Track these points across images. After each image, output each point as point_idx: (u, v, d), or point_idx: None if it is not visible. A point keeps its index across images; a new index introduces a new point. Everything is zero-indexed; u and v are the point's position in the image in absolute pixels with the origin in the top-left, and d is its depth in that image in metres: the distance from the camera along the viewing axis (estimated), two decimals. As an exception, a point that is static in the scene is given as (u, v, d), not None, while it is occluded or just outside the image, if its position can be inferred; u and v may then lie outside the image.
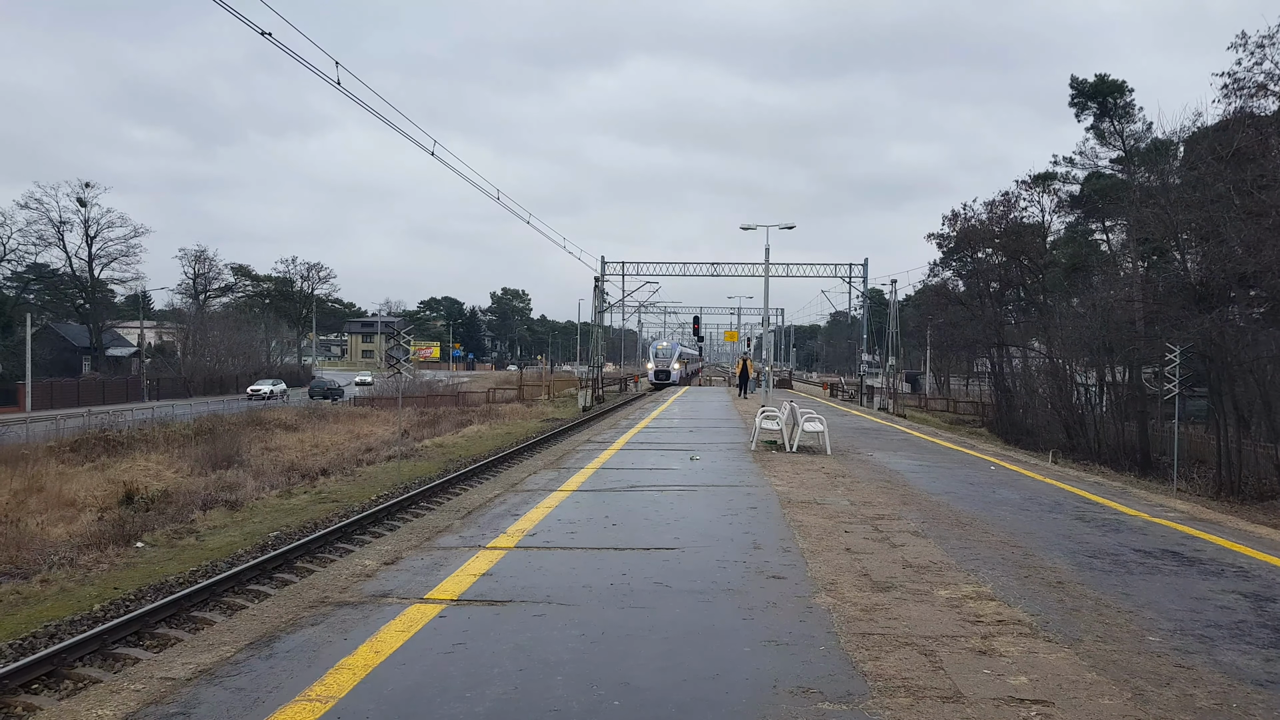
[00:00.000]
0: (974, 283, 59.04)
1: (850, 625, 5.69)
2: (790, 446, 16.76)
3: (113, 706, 4.32)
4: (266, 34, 10.47)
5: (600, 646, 5.29)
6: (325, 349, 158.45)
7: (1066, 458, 33.16)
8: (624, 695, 4.51)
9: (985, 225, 55.05)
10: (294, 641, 5.32)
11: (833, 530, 8.90)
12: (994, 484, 13.27)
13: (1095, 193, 51.41)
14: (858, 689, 4.60)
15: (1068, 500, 11.86)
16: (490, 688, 4.60)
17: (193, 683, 4.64)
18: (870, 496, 11.27)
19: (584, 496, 11.02)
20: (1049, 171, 55.54)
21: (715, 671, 4.87)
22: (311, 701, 4.38)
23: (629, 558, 7.63)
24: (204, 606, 12.48)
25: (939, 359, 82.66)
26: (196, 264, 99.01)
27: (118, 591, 13.41)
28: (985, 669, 4.95)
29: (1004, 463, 16.75)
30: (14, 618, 12.23)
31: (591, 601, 6.25)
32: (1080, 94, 51.67)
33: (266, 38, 10.53)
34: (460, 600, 6.23)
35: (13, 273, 73.95)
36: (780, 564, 7.39)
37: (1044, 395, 47.72)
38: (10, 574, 14.63)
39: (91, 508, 20.25)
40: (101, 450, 29.84)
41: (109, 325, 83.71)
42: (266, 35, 10.57)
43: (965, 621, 5.85)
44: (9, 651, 10.69)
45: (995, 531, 9.19)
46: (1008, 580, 7.05)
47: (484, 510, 9.93)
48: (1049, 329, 47.95)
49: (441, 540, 8.26)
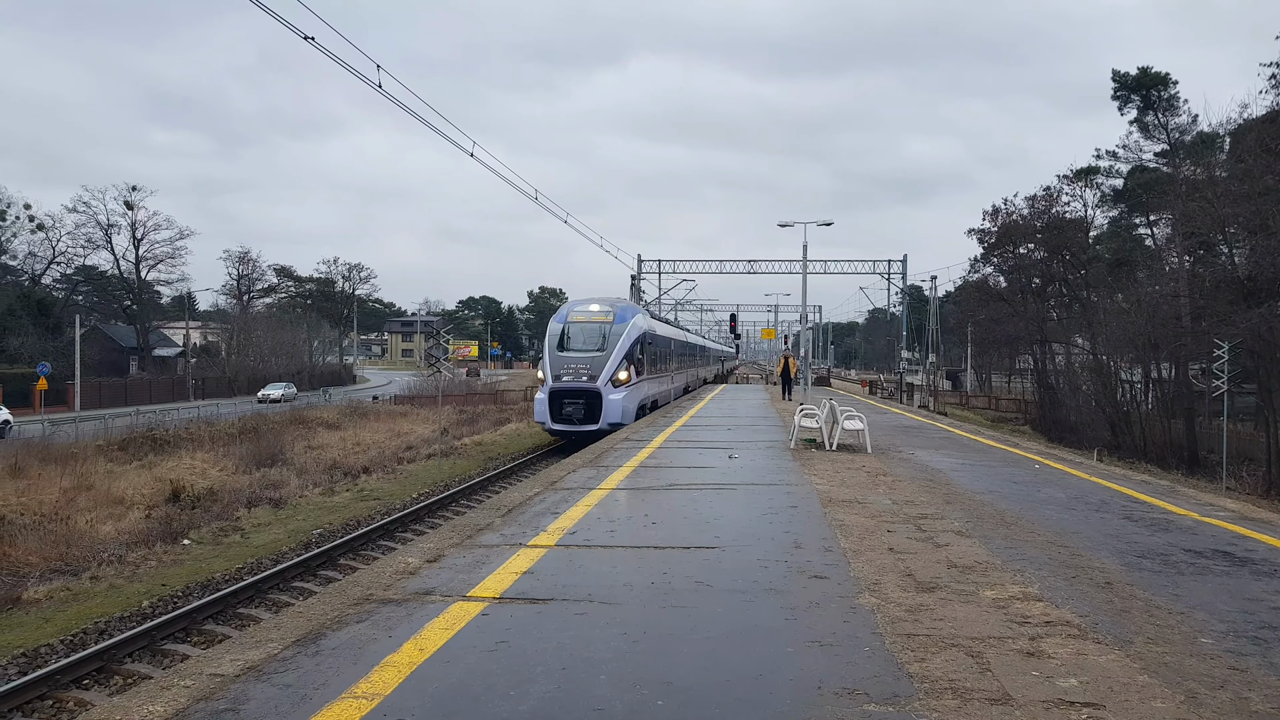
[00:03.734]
0: (1015, 278, 58.24)
1: (895, 626, 5.63)
2: (830, 444, 16.64)
3: (163, 703, 4.38)
4: (309, 38, 10.61)
5: (642, 645, 5.28)
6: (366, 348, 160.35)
7: (1112, 456, 32.60)
8: (667, 695, 4.50)
9: (1026, 220, 54.31)
10: (340, 639, 5.37)
11: (875, 529, 8.82)
12: (1039, 483, 13.07)
13: (1139, 186, 50.55)
14: (904, 690, 4.55)
15: (1114, 499, 11.64)
16: (534, 686, 4.61)
17: (241, 679, 4.70)
18: (912, 495, 11.15)
19: (623, 494, 11.02)
20: (1091, 166, 54.76)
21: (758, 672, 4.85)
22: (358, 699, 4.42)
23: (669, 556, 7.62)
24: (250, 603, 12.67)
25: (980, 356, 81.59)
26: (240, 265, 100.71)
27: (165, 588, 13.66)
28: (1034, 671, 4.87)
29: (1048, 461, 16.49)
30: (65, 614, 12.50)
31: (632, 600, 6.25)
32: (1123, 86, 50.85)
33: (310, 41, 10.67)
34: (502, 598, 6.26)
35: (62, 275, 75.87)
36: (822, 563, 7.33)
37: (1088, 392, 46.94)
38: (61, 571, 14.96)
39: (139, 505, 20.64)
40: (149, 449, 30.41)
41: (155, 326, 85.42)
42: (310, 39, 10.70)
43: (1012, 622, 5.77)
44: (60, 647, 10.92)
45: (1041, 531, 9.05)
46: (1055, 581, 6.94)
47: (524, 508, 9.97)
48: (1092, 325, 47.18)
49: (483, 538, 8.31)
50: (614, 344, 26.94)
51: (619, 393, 26.34)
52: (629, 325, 27.92)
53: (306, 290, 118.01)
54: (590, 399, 26.12)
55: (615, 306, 28.94)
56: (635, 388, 27.63)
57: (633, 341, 27.72)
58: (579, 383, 26.28)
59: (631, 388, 27.15)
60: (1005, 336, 57.55)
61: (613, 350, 26.79)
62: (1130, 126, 52.11)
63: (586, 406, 26.13)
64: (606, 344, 26.98)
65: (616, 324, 27.73)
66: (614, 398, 26.17)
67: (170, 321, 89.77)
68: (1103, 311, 46.50)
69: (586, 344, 27.42)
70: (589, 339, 27.61)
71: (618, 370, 26.52)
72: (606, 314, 28.29)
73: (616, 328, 27.48)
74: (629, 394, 26.82)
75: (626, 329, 27.66)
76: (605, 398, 26.06)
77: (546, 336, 28.44)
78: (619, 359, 26.72)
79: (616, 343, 26.99)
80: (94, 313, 77.37)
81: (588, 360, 26.69)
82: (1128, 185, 53.14)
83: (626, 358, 27.01)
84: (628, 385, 26.81)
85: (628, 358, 27.09)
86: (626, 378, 26.71)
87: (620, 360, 26.74)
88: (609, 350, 26.81)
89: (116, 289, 78.91)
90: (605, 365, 26.44)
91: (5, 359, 58.05)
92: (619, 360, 26.71)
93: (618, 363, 26.64)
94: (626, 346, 27.25)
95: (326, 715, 4.23)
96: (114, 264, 77.10)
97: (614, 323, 27.77)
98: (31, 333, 59.11)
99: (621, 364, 26.70)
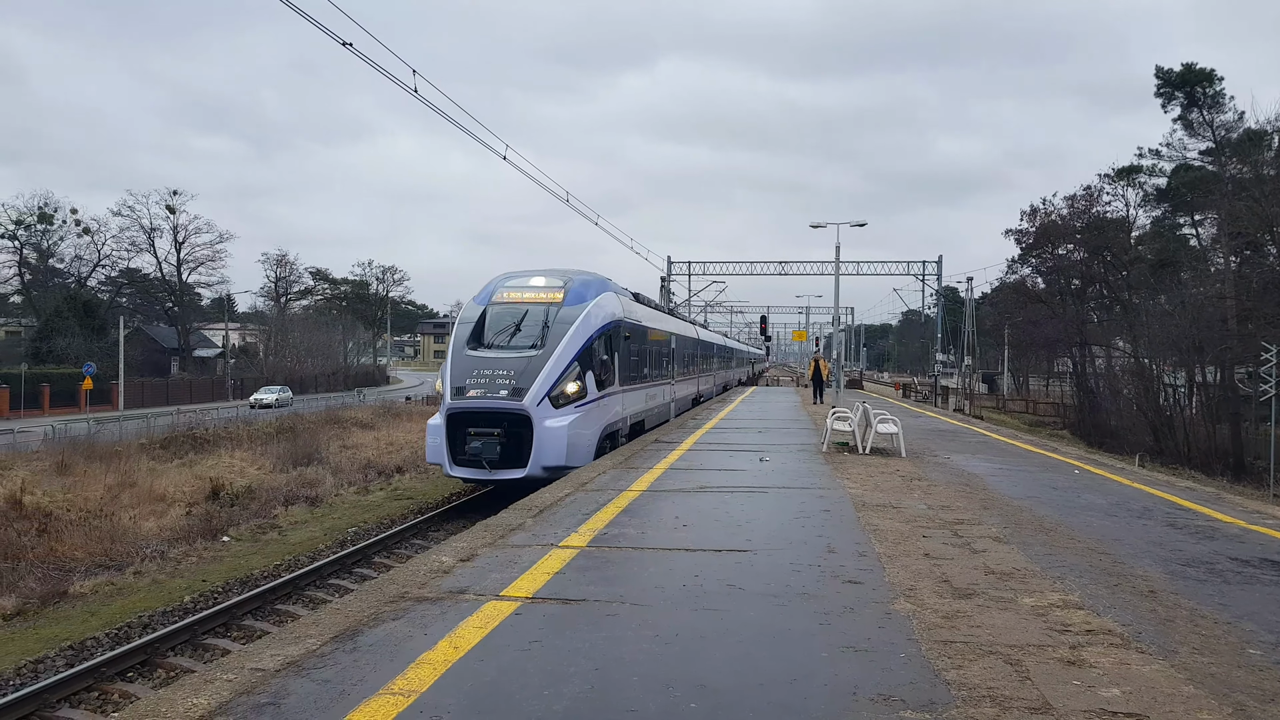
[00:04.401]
0: (1054, 280, 57.50)
1: (931, 632, 5.57)
2: (863, 448, 16.51)
3: (206, 696, 4.45)
4: (347, 44, 10.73)
5: (674, 647, 5.27)
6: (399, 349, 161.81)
7: (1154, 461, 32.04)
8: (700, 697, 4.49)
9: (1066, 220, 53.60)
10: (376, 636, 5.42)
11: (910, 535, 8.74)
12: (1078, 488, 12.87)
13: (1183, 185, 49.66)
14: (941, 698, 4.50)
15: (1157, 506, 11.44)
16: (567, 685, 4.62)
17: (282, 674, 4.76)
18: (948, 500, 11.03)
19: (653, 496, 11.01)
20: (1133, 164, 53.88)
21: (792, 676, 4.82)
22: (395, 695, 4.45)
23: (700, 559, 7.60)
24: (288, 600, 12.83)
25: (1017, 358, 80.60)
26: (278, 268, 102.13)
27: (206, 584, 13.87)
28: (1075, 680, 4.79)
29: (1088, 466, 16.24)
30: (109, 608, 12.75)
31: (664, 602, 6.24)
32: (1166, 83, 50.00)
33: (348, 48, 10.79)
34: (535, 598, 6.28)
35: (107, 277, 77.54)
36: (856, 568, 7.27)
37: (1129, 396, 46.18)
38: (105, 566, 15.26)
39: (180, 503, 20.99)
40: (189, 447, 30.92)
41: (196, 327, 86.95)
42: (347, 45, 10.82)
43: (1052, 630, 5.68)
44: (105, 640, 11.13)
45: (1081, 538, 8.92)
46: (1096, 588, 6.83)
47: (555, 509, 10.00)
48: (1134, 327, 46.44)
49: (514, 538, 8.34)
50: (559, 338, 17.44)
51: (562, 416, 16.83)
52: (587, 310, 18.25)
53: (341, 292, 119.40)
54: (512, 427, 16.50)
55: (570, 280, 19.15)
56: (595, 407, 18.06)
57: (592, 335, 18.12)
58: (493, 400, 16.57)
59: (587, 408, 17.60)
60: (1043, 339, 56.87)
61: (556, 348, 17.24)
62: (1174, 124, 51.24)
63: (506, 439, 16.47)
64: (548, 338, 17.55)
65: (569, 307, 18.18)
66: (553, 425, 16.58)
67: (210, 323, 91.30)
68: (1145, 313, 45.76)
69: (516, 338, 17.93)
70: (522, 330, 18.06)
71: (562, 380, 17.02)
72: (553, 290, 18.63)
73: (568, 313, 18.02)
74: (582, 418, 17.28)
75: (583, 315, 18.02)
76: (538, 425, 16.40)
77: (455, 326, 19.00)
78: (565, 362, 17.15)
79: (564, 337, 17.46)
80: (137, 314, 78.88)
81: (511, 364, 17.05)
82: (1171, 184, 52.21)
83: (579, 360, 17.45)
84: (579, 404, 17.33)
85: (581, 359, 17.53)
86: (578, 391, 17.30)
87: (567, 364, 17.19)
88: (550, 348, 17.27)
89: (159, 291, 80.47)
90: (541, 372, 16.78)
91: (53, 359, 59.38)
92: (565, 364, 17.15)
93: (563, 368, 17.08)
94: (580, 342, 17.66)
95: (364, 711, 4.27)
96: (156, 266, 78.82)
97: (564, 304, 18.23)
98: (78, 334, 60.41)
99: (569, 370, 17.20)
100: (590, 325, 18.20)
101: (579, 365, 17.49)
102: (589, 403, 17.72)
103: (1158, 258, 52.32)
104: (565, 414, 16.92)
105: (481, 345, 17.92)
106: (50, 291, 71.54)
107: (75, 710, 9.07)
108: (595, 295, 19.11)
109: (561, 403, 16.95)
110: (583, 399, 17.48)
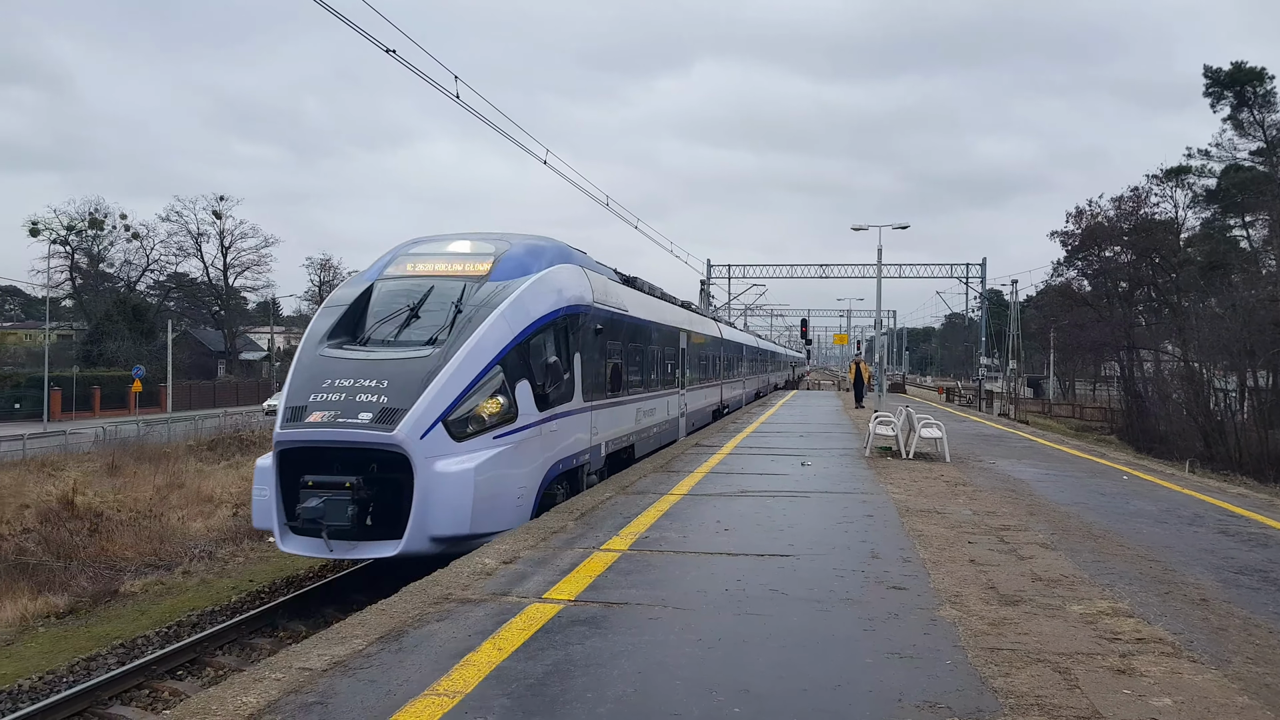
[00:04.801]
0: (1101, 282, 56.49)
1: (978, 639, 5.50)
2: (906, 453, 16.35)
3: (255, 694, 4.53)
4: (390, 50, 10.87)
5: (717, 652, 5.26)
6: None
7: (1204, 467, 31.33)
8: (743, 702, 4.48)
9: (1113, 222, 52.65)
10: (420, 636, 5.48)
11: (955, 540, 8.64)
12: (1127, 494, 12.64)
13: (1234, 186, 48.65)
14: (988, 706, 4.44)
15: (1209, 513, 11.20)
16: (610, 689, 4.63)
17: (328, 674, 4.83)
18: (994, 506, 10.89)
19: (694, 500, 11.00)
20: (1182, 165, 52.86)
21: (836, 682, 4.79)
22: (440, 696, 4.50)
23: (742, 563, 7.58)
24: (333, 601, 12.98)
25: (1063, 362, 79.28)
26: (321, 271, 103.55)
27: (253, 584, 14.09)
28: (1125, 689, 4.71)
29: (1137, 472, 15.94)
30: (159, 607, 13.01)
31: (706, 606, 6.24)
32: (1215, 83, 49.06)
33: (391, 54, 10.92)
34: (577, 600, 6.30)
35: (156, 281, 79.20)
36: (900, 574, 7.21)
37: (1178, 401, 45.23)
38: (155, 565, 15.58)
39: (227, 504, 21.37)
40: (236, 449, 31.48)
41: (242, 331, 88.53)
42: (390, 52, 10.96)
43: (1101, 639, 5.58)
44: (155, 639, 11.35)
45: (1131, 545, 8.75)
46: (1146, 596, 6.70)
47: (596, 512, 10.03)
48: (1184, 331, 45.49)
49: (556, 541, 8.38)
50: (471, 330, 11.06)
51: (468, 454, 10.36)
52: (526, 287, 11.92)
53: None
54: (381, 472, 10.18)
55: (506, 246, 12.76)
56: (533, 437, 11.47)
57: (533, 324, 11.74)
58: (346, 428, 10.08)
59: (518, 439, 11.12)
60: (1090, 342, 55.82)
61: (463, 345, 10.87)
62: (1223, 124, 50.26)
63: (368, 493, 10.00)
64: (454, 330, 11.13)
65: (497, 283, 11.87)
66: (448, 468, 10.12)
67: (255, 326, 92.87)
68: (1195, 317, 44.83)
69: (407, 331, 11.51)
70: (421, 318, 11.56)
71: (470, 394, 10.64)
72: (478, 259, 12.39)
73: (492, 292, 11.71)
74: (504, 456, 10.78)
75: (515, 296, 11.70)
76: (422, 469, 9.93)
77: (316, 315, 12.29)
78: (478, 366, 10.83)
79: (480, 327, 11.10)
80: (185, 318, 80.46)
81: (387, 371, 10.65)
82: (1221, 185, 51.14)
83: (503, 362, 11.12)
84: (502, 432, 10.90)
85: (509, 362, 11.21)
86: (500, 412, 10.94)
87: (482, 369, 10.85)
88: (454, 344, 10.88)
89: (206, 295, 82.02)
90: (433, 383, 10.41)
91: (103, 362, 60.83)
92: (477, 369, 10.82)
93: (472, 376, 10.74)
94: (508, 335, 11.30)
95: (410, 711, 4.32)
96: (203, 271, 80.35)
97: (491, 279, 11.94)
98: (127, 337, 61.82)
99: (484, 379, 10.86)
100: (527, 310, 11.62)
101: (503, 372, 10.96)
102: (520, 430, 11.07)
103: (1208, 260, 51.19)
104: (473, 450, 10.33)
105: (353, 341, 11.37)
106: (100, 296, 73.26)
107: (127, 707, 9.25)
108: (543, 268, 12.42)
109: (469, 431, 10.41)
110: (509, 424, 10.91)
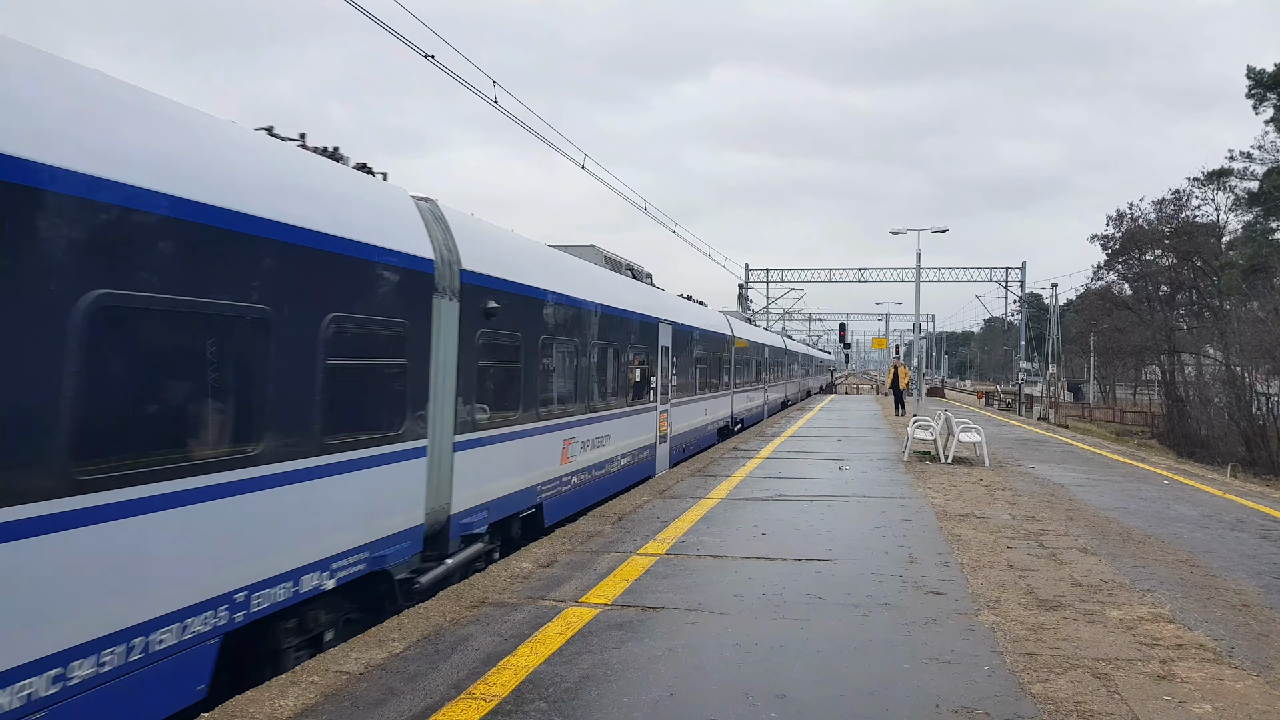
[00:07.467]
0: (1141, 286, 55.60)
1: (1016, 645, 5.47)
2: (945, 457, 16.21)
3: (293, 697, 4.62)
4: (429, 56, 10.98)
5: (753, 656, 5.28)
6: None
7: (1246, 472, 30.71)
8: (780, 707, 4.49)
9: (1153, 225, 51.83)
10: (457, 640, 5.54)
11: (993, 545, 8.57)
12: (1168, 499, 12.44)
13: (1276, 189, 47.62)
14: (1026, 711, 4.42)
15: (1250, 518, 11.00)
16: (646, 692, 4.67)
17: (366, 677, 4.91)
18: (1033, 511, 10.77)
19: (732, 504, 11.00)
20: (1223, 168, 51.91)
21: (874, 687, 4.78)
22: (477, 699, 4.56)
23: (779, 568, 7.58)
24: (370, 604, 13.12)
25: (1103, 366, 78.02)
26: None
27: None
28: (1165, 695, 4.66)
29: (1178, 476, 15.67)
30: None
31: (743, 610, 6.25)
32: (1258, 84, 48.10)
33: (429, 60, 11.04)
34: (614, 605, 6.34)
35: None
36: (938, 579, 7.17)
37: (1220, 405, 44.36)
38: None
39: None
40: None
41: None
42: (429, 58, 11.07)
43: (1141, 644, 5.52)
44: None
45: (1171, 550, 8.63)
46: (1187, 602, 6.61)
47: (634, 516, 10.07)
48: (1225, 334, 44.62)
49: (594, 545, 8.43)
50: None
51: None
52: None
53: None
54: None
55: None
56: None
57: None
58: None
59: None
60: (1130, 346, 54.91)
61: None
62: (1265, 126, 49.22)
63: None
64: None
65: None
66: None
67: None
68: (1237, 320, 43.94)
69: None
70: None
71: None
72: None
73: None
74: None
75: None
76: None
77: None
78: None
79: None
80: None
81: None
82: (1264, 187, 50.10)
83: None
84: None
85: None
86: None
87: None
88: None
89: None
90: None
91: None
92: None
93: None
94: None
95: (447, 714, 4.38)
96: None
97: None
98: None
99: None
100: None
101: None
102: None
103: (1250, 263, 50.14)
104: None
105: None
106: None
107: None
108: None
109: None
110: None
